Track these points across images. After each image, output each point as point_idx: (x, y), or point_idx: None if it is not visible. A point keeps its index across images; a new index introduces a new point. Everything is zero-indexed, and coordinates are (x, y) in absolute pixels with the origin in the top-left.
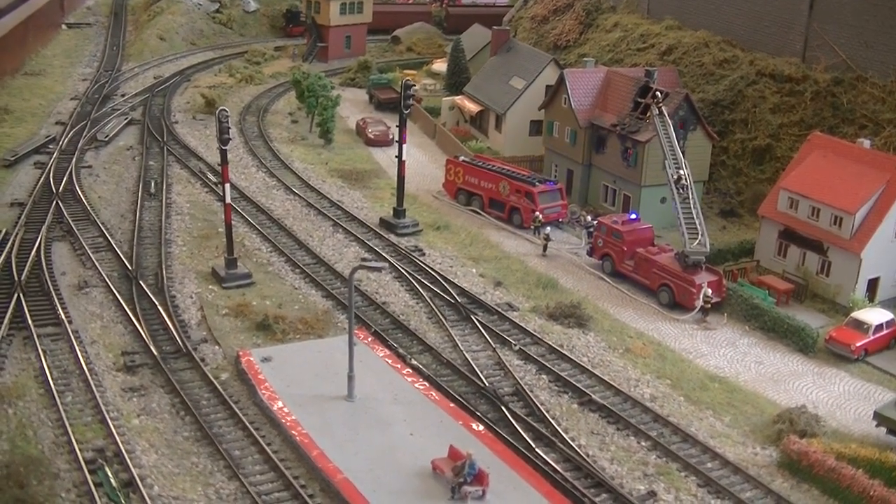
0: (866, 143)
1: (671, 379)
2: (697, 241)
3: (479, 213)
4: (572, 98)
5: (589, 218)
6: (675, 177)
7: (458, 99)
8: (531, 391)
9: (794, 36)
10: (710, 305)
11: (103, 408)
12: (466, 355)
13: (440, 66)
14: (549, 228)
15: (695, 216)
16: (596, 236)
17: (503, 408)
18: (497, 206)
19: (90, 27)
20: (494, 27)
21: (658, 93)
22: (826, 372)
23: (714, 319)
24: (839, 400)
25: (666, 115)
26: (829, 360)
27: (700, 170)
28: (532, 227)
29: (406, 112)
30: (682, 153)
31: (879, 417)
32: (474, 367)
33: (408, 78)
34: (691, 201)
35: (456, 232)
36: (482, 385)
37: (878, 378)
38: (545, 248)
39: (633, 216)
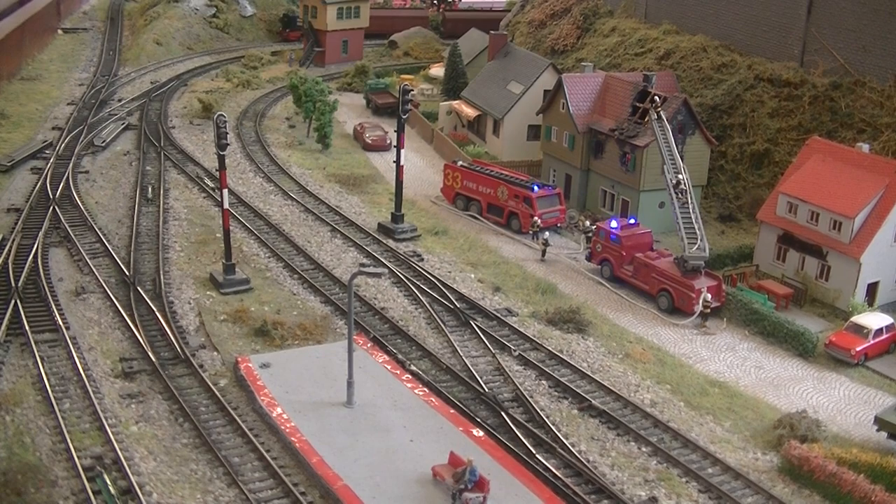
0: (865, 147)
1: (671, 384)
2: (696, 245)
3: (478, 218)
4: (570, 103)
5: (587, 223)
6: (674, 181)
7: (456, 104)
8: (531, 397)
9: (793, 40)
10: (709, 310)
11: (101, 414)
12: (466, 361)
13: (437, 70)
14: (547, 233)
15: (693, 221)
16: (594, 241)
17: (503, 413)
18: (495, 211)
19: (86, 32)
20: (492, 32)
21: (656, 97)
22: (826, 376)
23: (713, 324)
24: (839, 404)
25: (664, 119)
26: (828, 364)
27: (699, 174)
28: (530, 232)
29: (404, 117)
30: (681, 158)
31: (880, 422)
32: (474, 372)
33: (406, 83)
34: (690, 206)
35: (454, 237)
36: (482, 391)
37: (878, 382)
38: (544, 253)
39: (632, 221)
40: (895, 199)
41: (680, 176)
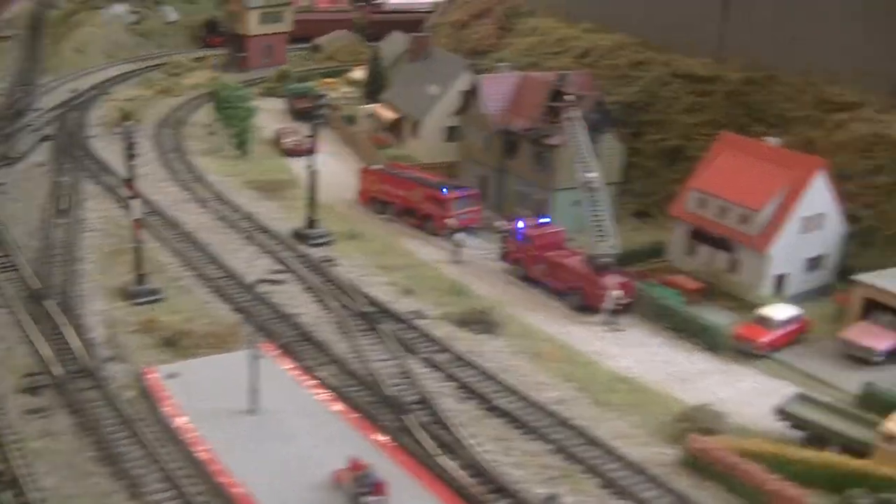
0: (775, 141)
1: (579, 382)
2: (606, 243)
3: (394, 221)
4: (486, 103)
5: (502, 223)
6: (586, 180)
7: (376, 106)
8: (437, 399)
9: (709, 36)
10: (620, 307)
11: (2, 431)
12: (373, 365)
13: (360, 73)
14: (462, 235)
15: (604, 218)
16: (507, 241)
17: (407, 417)
18: (411, 213)
19: (9, 40)
20: (412, 34)
21: (569, 96)
22: (733, 369)
23: (624, 321)
24: (746, 396)
25: (578, 118)
26: (736, 357)
27: (613, 172)
28: (445, 233)
29: (319, 122)
30: (595, 156)
31: (782, 412)
32: (380, 376)
33: (322, 87)
34: (602, 204)
35: (369, 241)
36: (387, 395)
37: (783, 373)
38: (458, 254)
39: (544, 220)
40: (802, 192)
41: (591, 174)
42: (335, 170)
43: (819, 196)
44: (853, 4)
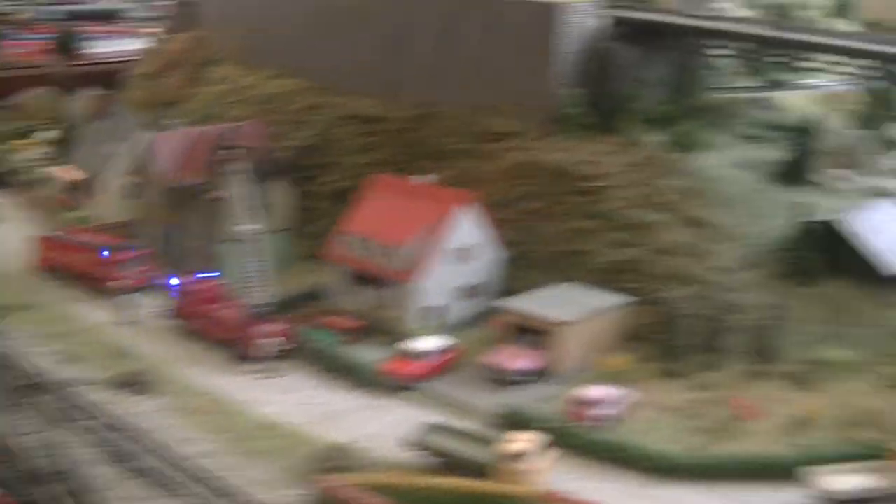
0: (429, 177)
1: (228, 432)
2: (263, 292)
3: (70, 288)
4: (158, 160)
5: (171, 281)
6: (243, 231)
7: (61, 168)
8: (85, 466)
9: (380, 78)
10: (283, 353)
11: None
12: (20, 439)
13: (53, 133)
14: (134, 295)
15: (259, 268)
16: (175, 298)
17: (47, 488)
18: (86, 278)
19: None
20: (98, 91)
21: (230, 149)
22: (383, 404)
23: (284, 366)
24: (390, 429)
25: (239, 170)
26: (386, 391)
27: (285, 218)
28: (117, 295)
29: None
30: (261, 205)
31: (414, 443)
32: (25, 449)
33: (12, 149)
34: (257, 254)
35: (42, 309)
36: (27, 468)
37: (430, 403)
38: (130, 316)
39: (201, 277)
40: (448, 225)
41: (249, 225)
42: (18, 237)
43: (469, 227)
44: (493, 49)
